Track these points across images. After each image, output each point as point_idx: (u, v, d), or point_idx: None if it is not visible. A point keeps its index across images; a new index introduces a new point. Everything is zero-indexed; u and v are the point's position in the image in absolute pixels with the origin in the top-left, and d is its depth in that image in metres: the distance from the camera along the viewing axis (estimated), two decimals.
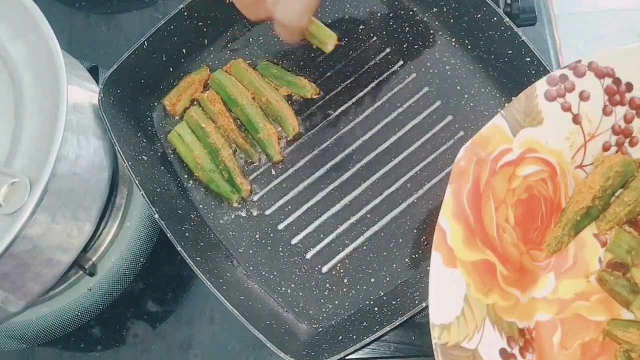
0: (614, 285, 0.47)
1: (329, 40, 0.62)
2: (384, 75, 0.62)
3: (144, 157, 0.58)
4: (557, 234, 0.48)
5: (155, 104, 0.62)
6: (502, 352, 0.43)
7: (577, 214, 0.48)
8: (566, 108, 0.46)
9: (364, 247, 0.57)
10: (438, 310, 0.40)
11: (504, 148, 0.45)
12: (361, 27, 0.64)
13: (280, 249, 0.58)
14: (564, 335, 0.47)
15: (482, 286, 0.43)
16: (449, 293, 0.41)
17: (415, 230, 0.57)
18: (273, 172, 0.60)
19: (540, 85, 0.46)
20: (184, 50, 0.62)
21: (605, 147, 0.49)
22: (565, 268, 0.48)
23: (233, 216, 0.59)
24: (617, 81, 0.47)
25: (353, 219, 0.58)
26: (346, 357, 0.50)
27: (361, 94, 0.62)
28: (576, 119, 0.47)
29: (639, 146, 0.49)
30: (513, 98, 0.59)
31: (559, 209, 0.49)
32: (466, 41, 0.61)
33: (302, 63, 0.63)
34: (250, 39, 0.64)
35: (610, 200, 0.49)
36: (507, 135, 0.45)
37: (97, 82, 0.60)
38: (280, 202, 0.59)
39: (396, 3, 0.64)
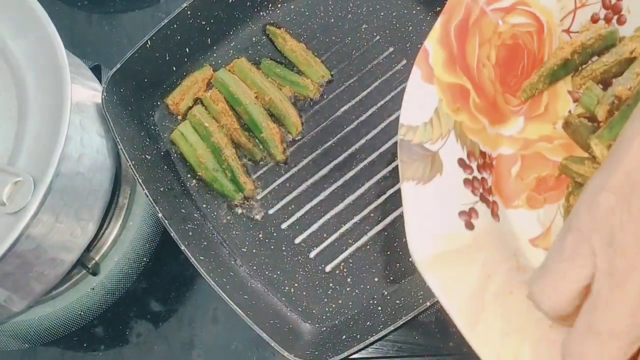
0: (578, 126, 0.48)
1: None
2: (388, 75, 0.62)
3: (147, 156, 0.58)
4: (533, 81, 0.50)
5: (158, 103, 0.62)
6: (460, 161, 0.45)
7: (554, 65, 0.50)
8: None
9: (368, 247, 0.57)
10: (408, 114, 0.43)
11: None
12: (364, 26, 0.64)
13: (283, 248, 0.58)
14: (523, 168, 0.49)
15: (453, 104, 0.45)
16: (421, 103, 0.44)
17: None
18: (276, 171, 0.60)
19: None
20: (187, 50, 0.62)
21: (594, 19, 0.51)
22: (536, 114, 0.51)
23: (236, 215, 0.59)
24: None
25: (356, 218, 0.58)
26: (350, 357, 0.50)
27: (364, 93, 0.62)
28: None
29: (626, 25, 0.50)
30: None
31: (540, 63, 0.51)
32: None
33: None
34: (254, 38, 0.64)
35: (589, 59, 0.51)
36: None
37: (100, 81, 0.60)
38: (284, 201, 0.59)
39: (400, 2, 0.64)
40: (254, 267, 0.57)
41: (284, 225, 0.58)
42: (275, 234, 0.58)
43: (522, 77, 0.50)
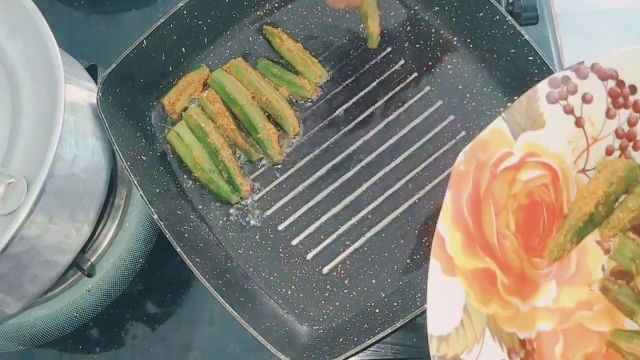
0: (617, 294, 0.45)
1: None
2: (385, 75, 0.62)
3: (142, 157, 0.58)
4: (559, 241, 0.47)
5: (155, 103, 0.62)
6: None
7: (579, 221, 0.47)
8: (569, 111, 0.45)
9: (365, 248, 0.57)
10: (436, 321, 0.39)
11: (505, 152, 0.44)
12: (362, 26, 0.63)
13: (280, 250, 0.57)
14: (566, 346, 0.45)
15: (482, 295, 0.42)
16: (447, 303, 0.40)
17: (416, 231, 0.57)
18: (273, 173, 0.60)
19: (542, 88, 0.45)
20: (183, 49, 0.61)
21: (609, 151, 0.48)
22: (568, 276, 0.47)
23: (233, 217, 0.58)
24: (620, 83, 0.46)
25: (354, 220, 0.57)
26: (347, 359, 0.50)
27: (362, 93, 0.61)
28: (579, 122, 0.46)
29: None
30: (515, 97, 0.59)
31: (561, 214, 0.47)
32: (468, 40, 0.61)
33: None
34: (251, 38, 0.64)
35: (613, 206, 0.48)
36: (508, 139, 0.44)
37: (96, 81, 0.60)
38: (281, 202, 0.58)
39: (397, 2, 0.63)
40: (251, 269, 0.57)
41: (280, 227, 0.58)
42: (272, 236, 0.58)
43: (544, 234, 0.47)
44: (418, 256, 0.56)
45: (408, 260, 0.56)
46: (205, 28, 0.61)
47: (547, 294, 0.46)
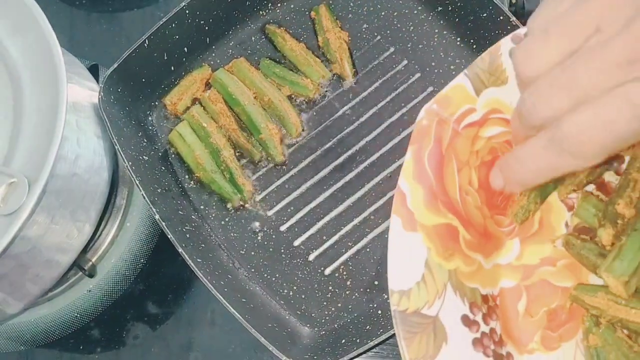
0: (581, 249, 0.44)
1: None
2: (388, 75, 0.61)
3: (144, 157, 0.57)
4: (523, 203, 0.45)
5: (156, 103, 0.62)
6: (464, 318, 0.41)
7: None
8: None
9: (368, 249, 0.57)
10: (397, 276, 0.39)
11: (467, 108, 0.43)
12: (365, 26, 0.63)
13: (282, 250, 0.57)
14: (530, 301, 0.45)
15: (443, 251, 0.41)
16: (408, 258, 0.39)
17: None
18: (275, 173, 0.59)
19: (505, 43, 0.43)
20: (185, 49, 0.61)
21: None
22: (531, 233, 0.46)
23: (234, 217, 0.58)
24: None
25: (356, 221, 0.57)
26: None
27: (365, 93, 0.61)
28: None
29: None
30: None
31: None
32: (471, 40, 0.60)
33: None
34: (253, 38, 0.63)
35: None
36: (470, 95, 0.43)
37: (98, 80, 0.60)
38: (283, 203, 0.58)
39: (400, 2, 0.63)
40: (252, 270, 0.57)
41: (282, 228, 0.58)
42: (274, 236, 0.57)
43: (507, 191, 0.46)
44: None
45: None
46: (207, 28, 0.61)
47: (510, 251, 0.45)
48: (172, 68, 0.61)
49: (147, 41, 0.57)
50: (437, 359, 0.38)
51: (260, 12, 0.64)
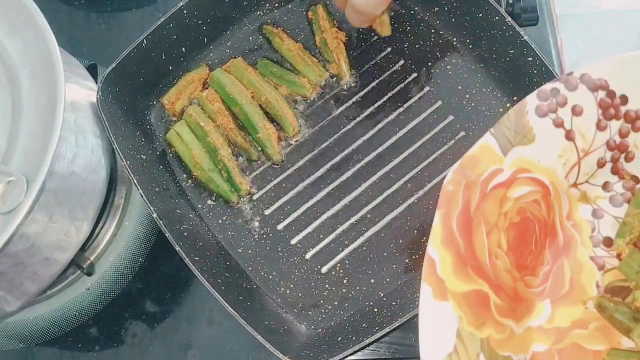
0: (613, 312, 0.44)
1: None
2: (385, 75, 0.62)
3: (142, 156, 0.58)
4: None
5: (154, 102, 0.62)
6: None
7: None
8: (558, 124, 0.44)
9: (364, 248, 0.57)
10: (429, 348, 0.38)
11: (495, 169, 0.43)
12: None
13: (279, 249, 0.57)
14: None
15: (475, 319, 0.41)
16: (440, 328, 0.39)
17: (415, 231, 0.57)
18: (272, 172, 0.60)
19: (531, 101, 0.44)
20: (183, 49, 0.61)
21: (600, 164, 0.47)
22: (562, 294, 0.46)
23: (232, 216, 0.58)
24: (611, 94, 0.44)
25: (353, 219, 0.58)
26: (345, 358, 0.50)
27: (361, 93, 0.61)
28: (569, 135, 0.45)
29: (635, 161, 0.47)
30: (515, 97, 0.59)
31: (553, 230, 0.46)
32: (467, 40, 0.61)
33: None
34: (251, 38, 0.64)
35: None
36: (498, 155, 0.43)
37: (96, 80, 0.60)
38: (280, 202, 0.58)
39: (397, 2, 0.63)
40: (250, 268, 0.57)
41: (279, 226, 0.58)
42: (271, 235, 0.58)
43: (536, 250, 0.45)
44: (417, 256, 0.56)
45: (407, 260, 0.56)
46: (205, 28, 0.61)
47: (541, 313, 0.45)
48: (170, 68, 0.61)
49: (145, 41, 0.57)
50: None
51: (258, 12, 0.64)
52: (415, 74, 0.61)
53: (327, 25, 0.62)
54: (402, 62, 0.62)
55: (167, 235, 0.52)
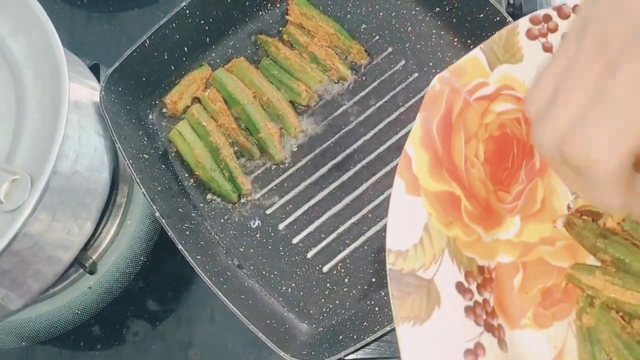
0: (581, 228, 0.45)
1: None
2: (386, 75, 0.62)
3: (144, 155, 0.58)
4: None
5: (157, 102, 0.62)
6: (459, 286, 0.41)
7: None
8: (547, 48, 0.45)
9: (365, 247, 0.57)
10: (395, 237, 0.39)
11: (480, 81, 0.43)
12: (363, 26, 0.64)
13: (281, 248, 0.58)
14: (525, 278, 0.45)
15: (444, 217, 0.41)
16: (408, 221, 0.40)
17: None
18: (274, 172, 0.60)
19: (523, 23, 0.44)
20: (185, 49, 0.62)
21: None
22: (532, 212, 0.46)
23: (234, 215, 0.59)
24: None
25: (354, 219, 0.58)
26: (346, 357, 0.50)
27: (363, 93, 0.62)
28: None
29: None
30: None
31: (531, 151, 0.47)
32: (468, 41, 0.61)
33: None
34: (252, 38, 0.64)
35: None
36: (485, 69, 0.43)
37: (99, 80, 0.61)
38: (281, 201, 0.59)
39: (399, 2, 0.64)
40: (251, 267, 0.57)
41: (281, 226, 0.58)
42: (272, 234, 0.58)
43: (512, 167, 0.46)
44: None
45: None
46: (207, 28, 0.62)
47: (511, 227, 0.46)
48: (172, 67, 0.62)
49: (147, 41, 0.58)
50: (428, 321, 0.38)
51: (260, 13, 0.64)
52: (416, 74, 0.62)
53: (306, 39, 0.62)
54: (403, 62, 0.62)
55: (169, 234, 0.53)
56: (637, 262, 0.42)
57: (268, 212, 0.59)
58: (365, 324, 0.53)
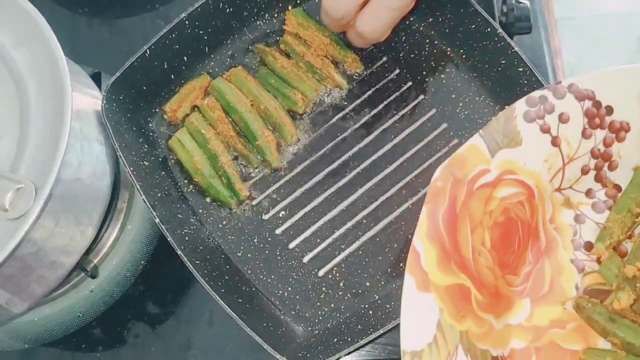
0: (591, 312, 0.45)
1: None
2: (381, 84, 0.63)
3: (145, 162, 0.59)
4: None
5: (157, 110, 0.63)
6: None
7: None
8: (545, 130, 0.46)
9: (360, 252, 0.58)
10: (409, 337, 0.39)
11: (482, 169, 0.44)
12: None
13: (277, 253, 0.59)
14: None
15: (455, 312, 0.42)
16: (421, 318, 0.40)
17: (410, 236, 0.58)
18: (271, 178, 0.61)
19: (520, 106, 0.45)
20: (185, 58, 0.63)
21: (584, 171, 0.48)
22: (541, 294, 0.47)
23: (232, 221, 0.60)
24: (597, 104, 0.46)
25: (349, 224, 0.59)
26: (341, 359, 0.52)
27: (358, 101, 0.63)
28: (555, 141, 0.46)
29: (618, 170, 0.48)
30: (506, 106, 0.61)
31: (536, 232, 0.47)
32: (461, 51, 0.62)
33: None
34: (250, 47, 0.65)
35: None
36: (485, 156, 0.44)
37: (100, 88, 0.61)
38: (278, 207, 0.60)
39: None
40: (249, 272, 0.58)
41: (278, 231, 0.59)
42: (269, 239, 0.59)
43: (519, 250, 0.47)
44: None
45: (401, 264, 0.57)
46: (206, 37, 0.63)
47: (521, 311, 0.46)
48: (172, 77, 0.63)
49: (148, 51, 0.59)
50: None
51: (258, 22, 0.65)
52: (410, 83, 0.63)
53: (302, 49, 0.63)
54: (397, 71, 0.63)
55: (168, 239, 0.54)
56: None
57: (265, 217, 0.60)
58: (359, 326, 0.54)
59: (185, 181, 0.61)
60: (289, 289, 0.58)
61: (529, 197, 0.46)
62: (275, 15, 0.66)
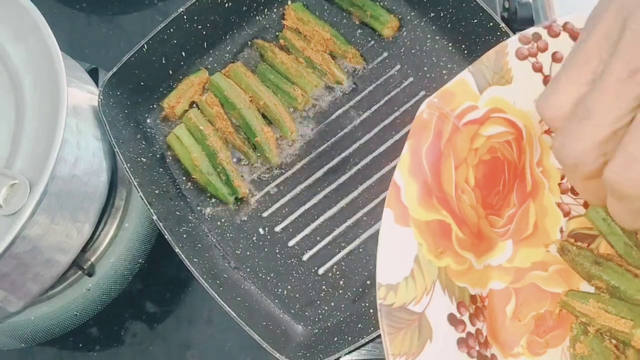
0: (576, 255, 0.44)
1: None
2: (382, 79, 0.63)
3: (142, 159, 0.59)
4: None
5: (154, 106, 0.63)
6: (451, 317, 0.40)
7: None
8: (537, 68, 0.44)
9: (360, 250, 0.58)
10: (386, 270, 0.38)
11: (469, 105, 0.42)
12: (359, 31, 0.64)
13: (277, 251, 0.58)
14: (518, 305, 0.44)
15: (435, 247, 0.40)
16: (398, 252, 0.39)
17: None
18: (270, 175, 0.61)
19: (512, 43, 0.43)
20: (183, 53, 0.62)
21: None
22: (525, 236, 0.45)
23: (230, 218, 0.59)
24: None
25: (349, 222, 0.58)
26: (341, 358, 0.51)
27: (358, 97, 0.62)
28: (547, 81, 0.44)
29: None
30: None
31: (522, 174, 0.46)
32: (463, 46, 0.62)
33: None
34: (249, 43, 0.65)
35: None
36: (474, 92, 0.42)
37: (97, 84, 0.61)
38: (278, 204, 0.59)
39: (394, 8, 0.64)
40: (248, 270, 0.58)
41: (277, 228, 0.59)
42: (269, 237, 0.59)
43: (504, 191, 0.45)
44: None
45: None
46: (204, 32, 0.62)
47: (502, 253, 0.45)
48: (170, 72, 0.62)
49: (146, 46, 0.58)
50: (420, 356, 0.37)
51: (257, 17, 0.65)
52: (411, 79, 0.62)
53: (302, 44, 0.63)
54: (398, 66, 0.63)
55: (166, 237, 0.53)
56: (631, 290, 0.42)
57: (264, 215, 0.59)
58: (359, 325, 0.54)
59: (184, 178, 0.61)
60: (289, 287, 0.57)
61: (517, 137, 0.44)
62: (275, 10, 0.65)
